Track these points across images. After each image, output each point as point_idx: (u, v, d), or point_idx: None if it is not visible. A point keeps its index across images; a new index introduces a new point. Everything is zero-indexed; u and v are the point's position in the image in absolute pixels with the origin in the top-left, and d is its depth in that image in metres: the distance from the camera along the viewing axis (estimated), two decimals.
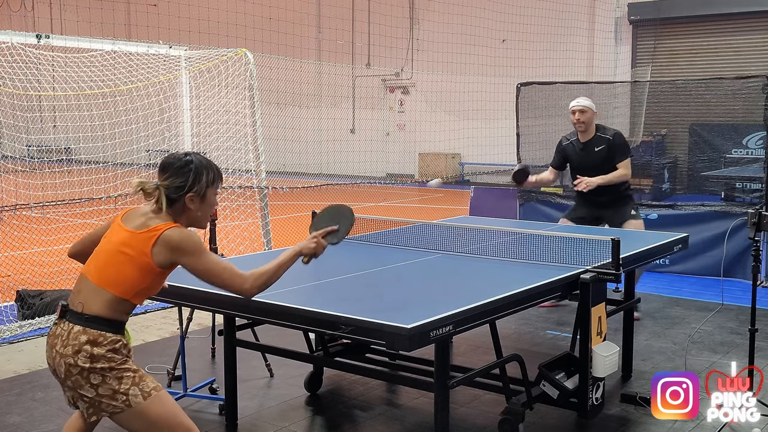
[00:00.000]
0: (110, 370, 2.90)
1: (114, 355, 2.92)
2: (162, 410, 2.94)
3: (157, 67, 8.61)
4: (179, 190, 3.02)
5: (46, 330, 6.20)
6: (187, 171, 3.03)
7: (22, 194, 8.63)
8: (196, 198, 3.05)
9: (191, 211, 3.07)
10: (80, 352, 2.90)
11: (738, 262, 7.88)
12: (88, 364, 2.89)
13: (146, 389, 2.92)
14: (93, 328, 2.93)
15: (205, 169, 3.08)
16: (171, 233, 2.94)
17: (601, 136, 6.46)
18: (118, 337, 2.95)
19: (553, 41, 17.44)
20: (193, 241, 2.96)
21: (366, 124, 21.53)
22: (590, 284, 4.14)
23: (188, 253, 2.94)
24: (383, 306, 3.66)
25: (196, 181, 3.04)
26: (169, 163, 3.07)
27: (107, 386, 2.90)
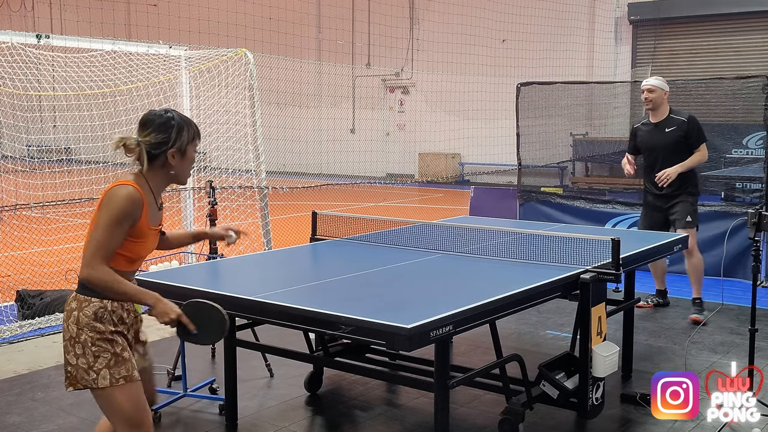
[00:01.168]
0: (91, 344, 2.94)
1: (96, 324, 2.94)
2: (124, 401, 2.96)
3: (157, 67, 8.61)
4: (161, 146, 3.03)
5: (46, 330, 6.20)
6: (169, 127, 3.03)
7: (22, 194, 8.63)
8: (177, 154, 3.05)
9: (171, 167, 3.07)
10: (70, 318, 2.97)
11: (738, 262, 7.88)
12: (74, 331, 2.95)
13: (116, 375, 2.95)
14: (80, 292, 2.99)
15: (186, 125, 3.08)
16: (117, 188, 2.94)
17: (674, 117, 6.43)
18: (103, 302, 2.97)
19: (553, 41, 17.44)
20: (115, 203, 2.90)
21: (366, 124, 21.53)
22: (590, 284, 4.14)
23: (102, 207, 2.93)
24: (383, 306, 3.66)
25: (178, 137, 3.04)
26: (150, 119, 3.06)
27: (84, 359, 2.94)
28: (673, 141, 6.35)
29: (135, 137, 3.04)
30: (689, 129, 6.34)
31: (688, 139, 6.34)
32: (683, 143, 6.34)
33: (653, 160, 6.52)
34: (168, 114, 3.07)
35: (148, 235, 3.05)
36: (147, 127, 3.04)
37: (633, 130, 6.79)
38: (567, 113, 13.46)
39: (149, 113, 3.10)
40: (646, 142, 6.55)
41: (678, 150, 6.35)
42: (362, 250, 4.99)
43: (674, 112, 6.48)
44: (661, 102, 6.43)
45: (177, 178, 3.14)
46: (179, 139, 3.04)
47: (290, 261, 5.01)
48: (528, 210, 9.46)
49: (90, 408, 4.65)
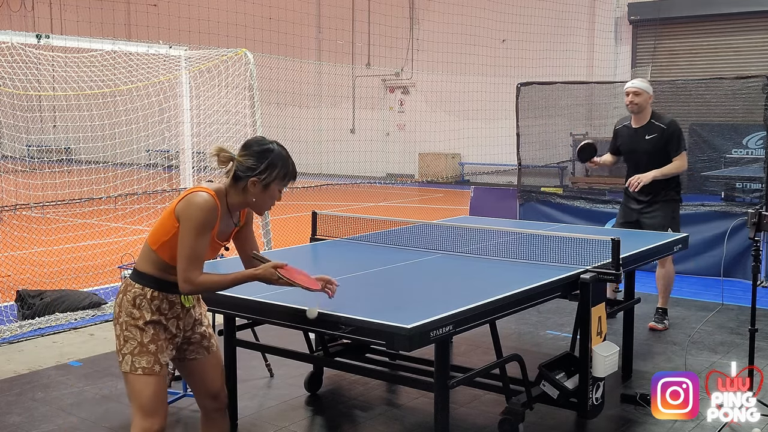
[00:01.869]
0: (124, 328, 3.08)
1: (132, 310, 3.07)
2: (141, 390, 3.06)
3: (157, 67, 8.61)
4: (248, 171, 3.08)
5: (46, 330, 6.20)
6: (263, 157, 3.09)
7: (22, 194, 8.63)
8: (259, 185, 3.09)
9: (250, 194, 3.11)
10: (117, 299, 3.14)
11: (738, 262, 7.88)
12: (117, 312, 3.12)
13: (136, 365, 3.06)
14: (132, 278, 3.14)
15: (281, 163, 3.12)
16: (194, 195, 3.02)
17: (655, 123, 6.19)
18: (145, 290, 3.08)
19: (553, 41, 17.44)
20: (199, 212, 2.98)
21: (366, 124, 21.53)
22: (590, 284, 4.14)
23: (185, 220, 3.00)
24: (383, 306, 3.66)
25: (266, 169, 3.08)
26: (252, 143, 3.15)
27: (118, 341, 3.11)
28: (652, 148, 6.15)
29: (232, 153, 3.13)
30: (669, 136, 6.12)
31: (667, 146, 6.14)
32: (663, 150, 6.15)
33: (633, 164, 6.35)
34: (270, 145, 3.14)
35: (210, 246, 3.11)
36: (246, 149, 3.13)
37: (615, 132, 6.56)
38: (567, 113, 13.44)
39: (256, 137, 3.22)
40: (626, 147, 6.37)
41: (657, 157, 6.14)
42: (362, 250, 4.99)
43: (655, 117, 6.24)
44: (645, 106, 6.19)
45: (253, 206, 3.19)
46: (266, 172, 3.08)
47: (290, 261, 5.00)
48: (528, 210, 9.46)
49: (90, 408, 4.66)
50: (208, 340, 3.32)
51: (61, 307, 6.55)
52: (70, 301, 6.64)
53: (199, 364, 3.30)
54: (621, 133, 6.43)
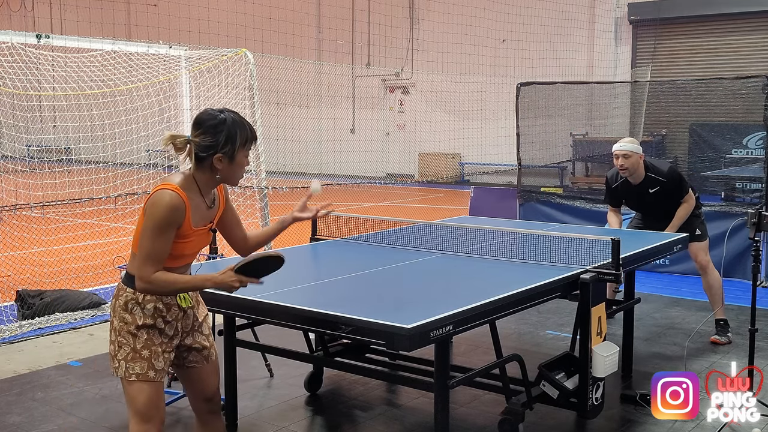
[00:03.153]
0: (117, 333, 3.04)
1: (125, 315, 3.02)
2: (135, 395, 3.02)
3: (157, 67, 8.61)
4: (208, 149, 2.96)
5: (46, 330, 6.20)
6: (219, 130, 2.95)
7: (22, 194, 8.63)
8: (225, 159, 2.98)
9: (217, 171, 3.00)
10: (111, 304, 3.10)
11: (738, 262, 7.87)
12: (111, 316, 3.08)
13: (130, 370, 3.01)
14: (123, 282, 3.07)
15: (239, 129, 2.99)
16: (158, 193, 2.92)
17: (654, 177, 5.97)
18: (135, 294, 3.01)
19: (553, 41, 17.44)
20: (158, 210, 2.88)
21: (366, 124, 21.53)
22: (590, 284, 4.14)
23: (146, 217, 2.92)
24: (383, 306, 3.66)
25: (227, 141, 2.96)
26: (203, 119, 3.00)
27: (113, 346, 3.06)
28: (659, 200, 5.99)
29: (186, 136, 2.99)
30: (671, 187, 5.97)
31: (672, 196, 5.99)
32: (669, 198, 6.00)
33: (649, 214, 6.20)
34: (221, 116, 2.99)
35: (191, 236, 3.02)
36: (198, 127, 2.99)
37: (612, 190, 6.23)
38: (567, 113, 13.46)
39: (204, 112, 3.04)
40: (632, 202, 6.21)
41: (666, 205, 6.02)
42: (362, 250, 4.99)
43: (652, 170, 6.00)
44: (638, 166, 5.95)
45: (225, 180, 3.09)
46: (228, 144, 2.97)
47: (290, 261, 5.00)
48: (528, 210, 9.45)
49: (90, 408, 4.66)
50: (208, 350, 3.25)
51: (61, 307, 6.55)
52: (70, 301, 6.64)
53: (196, 372, 3.23)
54: (621, 190, 6.16)
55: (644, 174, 5.98)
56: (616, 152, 5.96)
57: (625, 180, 6.07)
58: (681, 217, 5.97)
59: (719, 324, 6.04)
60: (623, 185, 6.12)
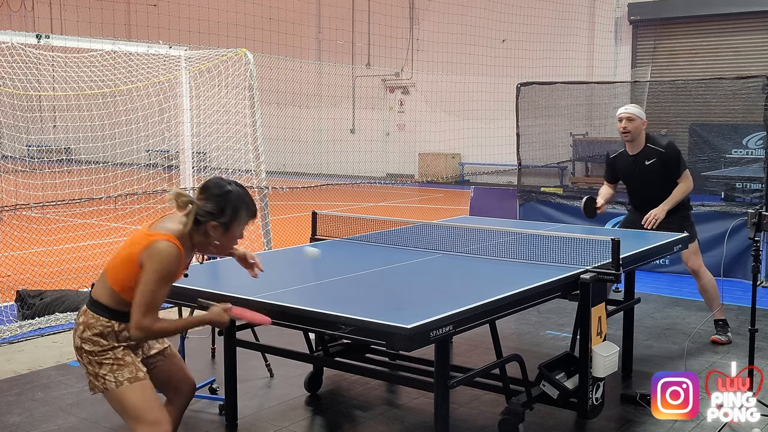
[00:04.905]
0: (93, 354, 3.11)
1: (100, 340, 3.10)
2: (132, 400, 3.09)
3: (157, 67, 8.61)
4: (207, 216, 3.09)
5: (46, 330, 6.20)
6: (222, 201, 3.10)
7: (22, 194, 8.63)
8: (220, 228, 3.12)
9: (211, 237, 3.13)
10: (77, 330, 3.15)
11: (738, 262, 7.88)
12: (79, 343, 3.13)
13: (120, 378, 3.10)
14: (91, 310, 3.14)
15: (241, 206, 3.14)
16: (159, 243, 3.00)
17: (652, 148, 5.90)
18: (111, 323, 3.11)
19: (553, 41, 17.43)
20: (164, 264, 2.98)
21: (366, 124, 21.53)
22: (590, 284, 4.14)
23: (150, 269, 2.98)
24: (383, 306, 3.66)
25: (225, 213, 3.10)
26: (209, 186, 3.15)
27: (92, 367, 3.13)
28: (654, 173, 5.93)
29: (190, 197, 3.12)
30: (669, 159, 5.92)
31: (668, 170, 5.94)
32: (664, 173, 5.94)
33: (635, 190, 6.14)
34: (228, 188, 3.13)
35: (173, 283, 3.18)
36: (204, 192, 3.14)
37: (610, 161, 6.24)
38: (567, 113, 13.46)
39: (213, 180, 3.18)
40: (627, 175, 6.12)
41: (660, 181, 5.96)
42: (362, 250, 4.99)
43: (651, 141, 6.00)
44: (640, 132, 5.93)
45: (215, 249, 3.21)
46: (225, 216, 3.11)
47: (290, 261, 5.01)
48: (528, 210, 9.46)
49: (90, 408, 4.66)
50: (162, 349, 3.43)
51: (61, 307, 6.55)
52: (70, 301, 6.64)
53: (160, 368, 3.39)
54: (618, 163, 6.15)
55: (644, 143, 5.97)
56: (620, 115, 5.96)
57: (623, 152, 6.07)
58: (677, 195, 5.92)
59: (718, 324, 6.04)
60: (621, 157, 6.11)
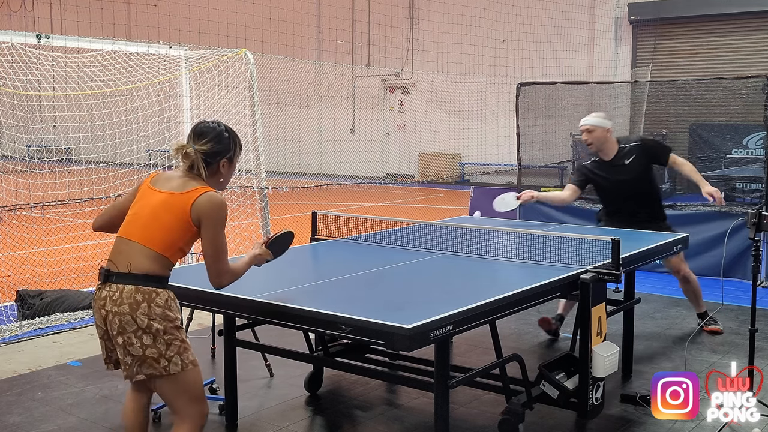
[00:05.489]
0: (163, 333, 3.11)
1: (168, 313, 3.14)
2: (193, 383, 3.21)
3: (157, 67, 8.61)
4: (216, 156, 3.27)
5: (46, 330, 6.20)
6: (226, 138, 3.30)
7: (22, 194, 8.62)
8: (228, 163, 3.32)
9: (221, 175, 3.32)
10: (138, 310, 3.08)
11: (738, 262, 7.88)
12: (146, 321, 3.08)
13: (186, 361, 3.17)
14: (145, 285, 3.12)
15: (237, 138, 3.38)
16: (208, 197, 3.17)
17: (627, 146, 5.88)
18: (168, 292, 3.19)
19: (553, 41, 17.43)
20: (222, 211, 3.18)
21: (366, 124, 21.53)
22: (590, 284, 4.14)
23: (212, 220, 3.16)
24: (383, 306, 3.66)
25: (230, 148, 3.32)
26: (206, 130, 3.29)
27: (155, 349, 3.10)
28: (641, 168, 5.85)
29: (191, 146, 3.25)
30: (650, 146, 5.90)
31: (654, 159, 5.89)
32: (647, 167, 5.89)
33: (615, 195, 6.00)
34: (220, 127, 3.32)
35: None
36: (203, 137, 3.27)
37: (582, 169, 6.11)
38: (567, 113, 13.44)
39: (203, 125, 3.33)
40: (608, 181, 5.97)
41: (643, 177, 5.90)
42: (362, 250, 4.99)
43: (622, 141, 5.93)
44: (604, 140, 5.81)
45: (222, 185, 3.39)
46: (231, 150, 3.32)
47: (290, 261, 5.01)
48: (528, 210, 9.44)
49: (90, 408, 4.66)
50: None
51: (61, 307, 6.55)
52: (70, 301, 6.64)
53: None
54: (596, 172, 6.00)
55: (616, 147, 5.89)
56: (580, 127, 5.90)
57: (597, 161, 5.97)
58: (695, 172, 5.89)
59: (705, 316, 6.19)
60: (598, 166, 5.98)
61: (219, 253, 3.20)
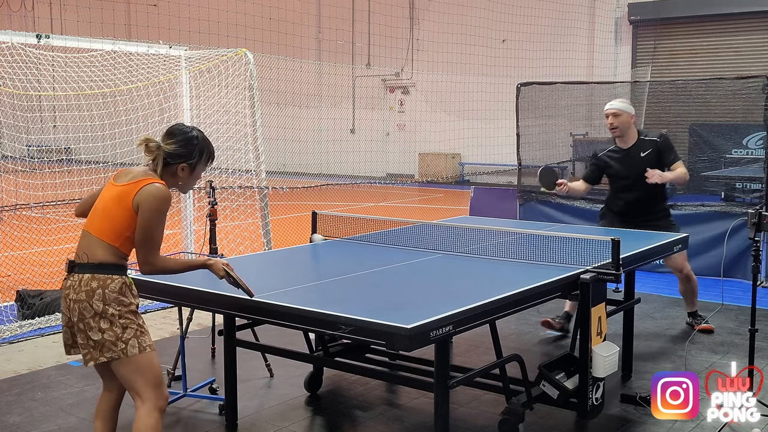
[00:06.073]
0: (119, 317, 3.24)
1: (122, 298, 3.26)
2: (149, 366, 3.31)
3: (157, 67, 8.60)
4: (177, 158, 3.37)
5: (46, 330, 6.20)
6: (191, 144, 3.38)
7: (22, 194, 8.62)
8: (188, 169, 3.41)
9: (178, 178, 3.42)
10: (93, 297, 3.23)
11: (738, 262, 7.87)
12: (101, 306, 3.22)
13: (143, 344, 3.29)
14: (100, 273, 3.26)
15: (206, 148, 3.44)
16: (154, 186, 3.26)
17: (646, 140, 5.92)
18: (123, 278, 3.30)
19: (553, 41, 17.43)
20: (160, 202, 3.25)
21: (366, 124, 21.53)
22: (590, 284, 4.14)
23: (148, 209, 3.23)
24: (383, 306, 3.66)
25: (194, 155, 3.39)
26: (178, 131, 3.41)
27: (111, 332, 3.23)
28: (652, 164, 5.85)
29: (158, 141, 3.36)
30: (663, 147, 5.91)
31: (663, 159, 5.90)
32: (658, 166, 5.87)
33: (626, 187, 6.03)
34: (193, 132, 3.43)
35: None
36: (172, 137, 3.39)
37: (596, 159, 6.14)
38: (567, 113, 13.44)
39: (178, 127, 3.46)
40: (620, 170, 6.02)
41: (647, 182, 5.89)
42: (362, 250, 4.99)
43: (644, 134, 6.02)
44: (628, 126, 5.89)
45: (180, 188, 3.52)
46: (194, 157, 3.40)
47: (290, 261, 5.01)
48: (528, 210, 9.45)
49: (90, 408, 4.65)
50: None
51: (60, 307, 6.54)
52: None
53: None
54: (608, 160, 6.07)
55: (636, 136, 5.98)
56: (606, 111, 5.96)
57: (614, 148, 6.05)
58: (679, 174, 5.91)
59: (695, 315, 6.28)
60: (612, 153, 6.05)
61: (147, 240, 3.26)
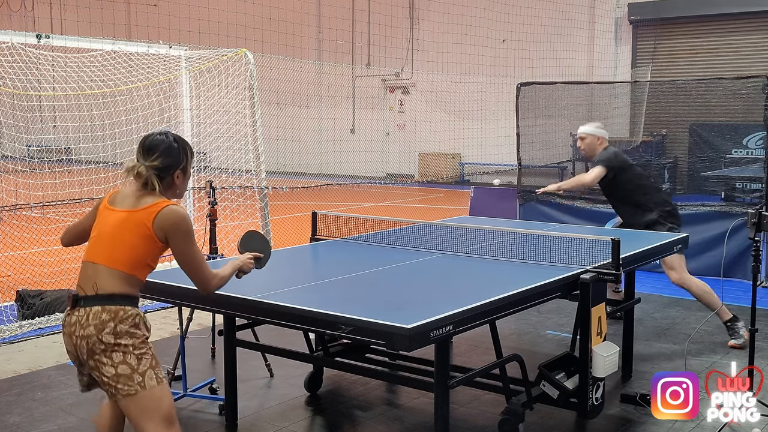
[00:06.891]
0: (133, 348, 3.02)
1: (136, 331, 3.05)
2: (166, 399, 3.08)
3: (157, 67, 8.61)
4: (169, 169, 3.20)
5: (46, 330, 6.20)
6: (176, 150, 3.22)
7: (22, 194, 8.62)
8: (181, 174, 3.26)
9: (176, 186, 3.26)
10: (104, 330, 3.00)
11: (738, 262, 7.88)
12: (112, 340, 3.00)
13: (159, 375, 3.08)
14: (112, 304, 3.04)
15: (186, 145, 3.30)
16: (169, 211, 3.10)
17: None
18: (136, 310, 3.10)
19: (553, 41, 17.43)
20: (187, 223, 3.13)
21: (366, 124, 21.52)
22: (590, 284, 4.14)
23: (180, 235, 3.11)
24: (383, 306, 3.66)
25: (182, 158, 3.24)
26: (155, 144, 3.19)
27: (127, 365, 3.00)
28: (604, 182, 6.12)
29: (142, 162, 3.16)
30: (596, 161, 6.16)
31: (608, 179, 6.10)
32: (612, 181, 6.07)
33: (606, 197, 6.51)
34: (168, 138, 3.23)
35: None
36: (153, 152, 3.18)
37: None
38: (567, 113, 13.43)
39: (151, 139, 3.22)
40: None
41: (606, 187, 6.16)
42: (362, 250, 4.99)
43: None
44: (594, 147, 6.21)
45: (179, 195, 3.35)
46: (183, 161, 3.24)
47: (290, 261, 5.01)
48: (528, 210, 9.45)
49: (90, 408, 4.65)
50: None
51: (61, 307, 6.55)
52: None
53: None
54: None
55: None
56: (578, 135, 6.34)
57: None
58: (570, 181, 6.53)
59: (727, 325, 5.91)
60: None
61: (195, 263, 3.16)
